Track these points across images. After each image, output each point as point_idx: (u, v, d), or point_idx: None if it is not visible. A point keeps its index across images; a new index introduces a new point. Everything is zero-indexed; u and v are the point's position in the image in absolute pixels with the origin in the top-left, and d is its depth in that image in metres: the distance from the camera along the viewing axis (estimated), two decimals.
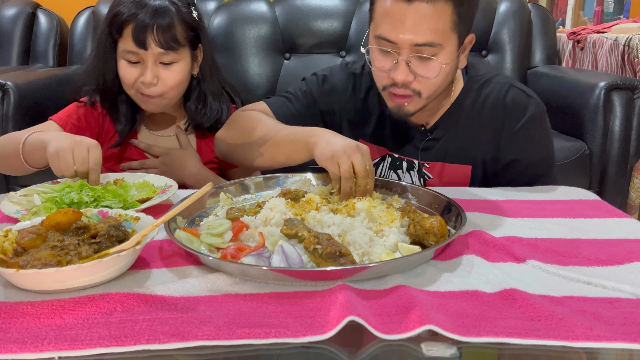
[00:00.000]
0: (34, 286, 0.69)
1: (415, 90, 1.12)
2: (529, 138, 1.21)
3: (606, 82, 2.11)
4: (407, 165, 1.30)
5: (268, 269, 0.73)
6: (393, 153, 1.31)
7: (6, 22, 2.79)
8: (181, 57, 1.27)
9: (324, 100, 1.33)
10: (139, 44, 1.21)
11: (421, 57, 1.08)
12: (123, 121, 1.33)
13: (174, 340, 0.59)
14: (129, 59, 1.25)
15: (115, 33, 1.24)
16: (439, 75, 1.10)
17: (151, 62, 1.23)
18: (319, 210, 0.93)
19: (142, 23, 1.19)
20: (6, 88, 2.10)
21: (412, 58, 1.08)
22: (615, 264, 0.79)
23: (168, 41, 1.22)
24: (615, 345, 0.60)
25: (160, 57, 1.24)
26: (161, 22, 1.20)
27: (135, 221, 0.82)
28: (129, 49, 1.23)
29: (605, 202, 1.08)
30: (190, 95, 1.36)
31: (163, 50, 1.22)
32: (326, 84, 1.34)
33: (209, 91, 1.36)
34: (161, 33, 1.20)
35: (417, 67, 1.09)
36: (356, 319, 0.61)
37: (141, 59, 1.24)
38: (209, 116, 1.36)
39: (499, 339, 0.60)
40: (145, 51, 1.22)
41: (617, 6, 3.34)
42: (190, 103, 1.36)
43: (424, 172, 1.28)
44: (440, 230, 0.83)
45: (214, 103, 1.36)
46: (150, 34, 1.20)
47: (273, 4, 2.81)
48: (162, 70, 1.25)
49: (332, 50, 2.79)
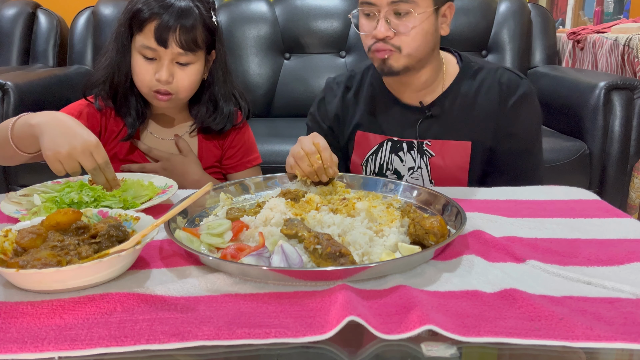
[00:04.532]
0: (34, 286, 0.69)
1: (395, 45, 1.23)
2: (522, 113, 1.31)
3: (606, 82, 2.11)
4: (407, 146, 1.35)
5: (268, 269, 0.73)
6: (392, 137, 1.36)
7: (6, 22, 2.79)
8: (197, 59, 1.27)
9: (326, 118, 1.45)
10: (160, 42, 1.21)
11: (397, 12, 1.20)
12: (133, 114, 1.32)
13: (174, 340, 0.59)
14: (145, 54, 1.24)
15: (136, 27, 1.24)
16: (415, 31, 1.21)
17: (168, 61, 1.24)
18: (319, 210, 0.93)
19: (166, 22, 1.20)
20: (6, 88, 2.10)
21: (390, 15, 1.21)
22: (615, 264, 0.79)
23: (189, 42, 1.22)
24: (615, 345, 0.59)
25: (178, 56, 1.24)
26: (185, 23, 1.21)
27: (135, 221, 0.82)
28: (148, 44, 1.22)
29: (605, 202, 1.08)
30: (200, 98, 1.36)
31: (182, 50, 1.23)
32: (320, 105, 1.47)
33: (221, 95, 1.36)
34: (183, 34, 1.21)
35: (395, 24, 1.21)
36: (356, 319, 0.61)
37: (158, 56, 1.24)
38: (219, 120, 1.36)
39: (499, 339, 0.60)
40: (165, 49, 1.22)
41: (617, 6, 3.34)
42: (200, 106, 1.36)
43: (426, 150, 1.33)
44: (440, 230, 0.83)
45: (225, 106, 1.36)
46: (172, 34, 1.21)
47: (273, 4, 2.81)
48: (178, 70, 1.26)
49: (332, 50, 2.80)
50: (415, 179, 1.35)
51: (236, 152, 1.43)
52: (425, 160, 1.33)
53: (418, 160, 1.34)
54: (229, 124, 1.37)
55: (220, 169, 1.43)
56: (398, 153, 1.36)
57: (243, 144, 1.43)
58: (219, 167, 1.43)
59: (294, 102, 2.73)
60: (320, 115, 1.46)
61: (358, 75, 1.44)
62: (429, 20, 1.22)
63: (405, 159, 1.35)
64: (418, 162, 1.34)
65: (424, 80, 1.32)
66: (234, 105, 1.39)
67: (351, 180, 1.13)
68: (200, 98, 1.36)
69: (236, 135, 1.42)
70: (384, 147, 1.37)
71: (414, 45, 1.23)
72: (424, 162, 1.33)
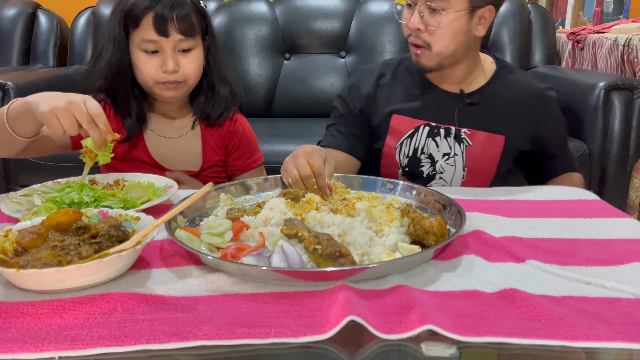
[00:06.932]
0: (34, 286, 0.69)
1: (425, 41, 1.29)
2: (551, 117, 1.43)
3: (606, 82, 2.11)
4: (445, 132, 1.38)
5: (268, 269, 0.73)
6: (430, 122, 1.38)
7: (6, 22, 2.79)
8: (197, 44, 1.28)
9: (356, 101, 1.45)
10: (160, 33, 1.21)
11: (431, 8, 1.25)
12: (133, 116, 1.32)
13: (174, 340, 0.60)
14: (147, 49, 1.24)
15: (132, 24, 1.24)
16: (444, 29, 1.25)
17: (170, 50, 1.24)
18: (319, 210, 0.93)
19: (162, 12, 1.21)
20: (6, 88, 2.10)
21: (425, 9, 1.26)
22: (615, 264, 0.79)
23: (187, 28, 1.23)
24: (615, 345, 0.60)
25: (179, 43, 1.24)
26: (180, 10, 1.22)
27: (136, 221, 0.82)
28: (149, 37, 1.22)
29: (605, 202, 1.08)
30: (199, 89, 1.36)
31: (183, 37, 1.23)
32: (351, 89, 1.47)
33: (217, 79, 1.36)
34: (181, 21, 1.22)
35: (427, 18, 1.26)
36: (356, 319, 0.61)
37: (160, 47, 1.24)
38: (217, 106, 1.36)
39: (499, 338, 0.60)
40: (166, 39, 1.22)
41: (616, 6, 3.33)
42: (200, 96, 1.37)
43: (464, 138, 1.37)
44: (440, 230, 0.83)
45: (222, 90, 1.37)
46: (170, 22, 1.21)
47: (273, 4, 2.81)
48: (182, 58, 1.26)
49: (332, 51, 2.79)
50: (450, 165, 1.38)
51: (242, 154, 1.43)
52: (462, 148, 1.37)
53: (454, 147, 1.37)
54: (226, 112, 1.37)
55: (222, 169, 1.44)
56: (435, 138, 1.38)
57: (247, 145, 1.44)
58: (222, 167, 1.43)
59: (294, 102, 2.73)
60: (350, 98, 1.46)
61: (392, 66, 1.46)
62: (461, 20, 1.26)
63: (441, 144, 1.38)
64: (454, 149, 1.37)
65: (461, 74, 1.37)
66: (228, 90, 1.39)
67: (351, 180, 1.13)
68: (199, 89, 1.36)
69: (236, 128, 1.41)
70: (420, 131, 1.38)
71: (443, 43, 1.27)
72: (461, 150, 1.37)
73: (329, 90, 2.72)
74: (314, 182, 1.03)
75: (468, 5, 1.25)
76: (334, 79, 2.75)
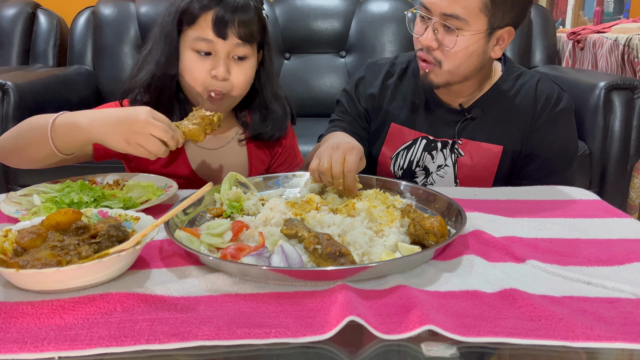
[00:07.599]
0: (34, 286, 0.69)
1: (436, 58, 1.22)
2: (556, 129, 1.30)
3: (606, 82, 2.11)
4: (442, 144, 1.34)
5: (268, 269, 0.73)
6: (428, 135, 1.35)
7: (6, 22, 2.79)
8: (252, 54, 1.21)
9: (362, 98, 1.42)
10: (218, 34, 1.14)
11: (446, 26, 1.17)
12: None
13: (174, 340, 0.59)
14: (200, 49, 1.15)
15: (188, 21, 1.16)
16: (458, 50, 1.18)
17: (224, 54, 1.16)
18: (319, 210, 0.93)
19: (224, 13, 1.13)
20: (6, 88, 2.10)
21: (439, 26, 1.18)
22: (615, 264, 0.79)
23: (247, 33, 1.16)
24: (615, 345, 0.60)
25: (235, 48, 1.16)
26: (243, 14, 1.15)
27: (135, 221, 0.82)
28: (204, 36, 1.14)
29: (605, 202, 1.08)
30: (249, 104, 1.29)
31: (240, 41, 1.15)
32: (359, 84, 1.44)
33: (271, 95, 1.29)
34: (242, 25, 1.15)
35: (441, 36, 1.19)
36: (356, 319, 0.61)
37: (214, 49, 1.16)
38: (272, 126, 1.29)
39: (499, 339, 0.60)
40: (223, 41, 1.15)
41: (617, 6, 3.33)
42: (253, 113, 1.29)
43: (456, 149, 1.33)
44: (440, 230, 0.83)
45: (276, 109, 1.29)
46: (231, 25, 1.14)
47: (273, 4, 2.81)
48: (234, 66, 1.18)
49: (332, 50, 2.80)
50: (441, 177, 1.35)
51: (286, 158, 1.38)
52: (454, 158, 1.33)
53: (447, 159, 1.34)
54: (281, 132, 1.30)
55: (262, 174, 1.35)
56: (431, 152, 1.35)
57: (291, 149, 1.39)
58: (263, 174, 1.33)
59: (294, 102, 2.73)
60: (357, 94, 1.42)
61: (402, 65, 1.41)
62: (479, 42, 1.19)
63: (437, 157, 1.35)
64: (447, 161, 1.34)
65: (468, 90, 1.31)
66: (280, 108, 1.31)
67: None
68: (250, 104, 1.29)
69: (285, 141, 1.36)
70: (418, 143, 1.36)
71: (455, 63, 1.20)
72: (452, 161, 1.33)
73: (329, 90, 2.72)
74: (341, 183, 1.00)
75: (487, 26, 1.17)
76: (334, 79, 2.75)
